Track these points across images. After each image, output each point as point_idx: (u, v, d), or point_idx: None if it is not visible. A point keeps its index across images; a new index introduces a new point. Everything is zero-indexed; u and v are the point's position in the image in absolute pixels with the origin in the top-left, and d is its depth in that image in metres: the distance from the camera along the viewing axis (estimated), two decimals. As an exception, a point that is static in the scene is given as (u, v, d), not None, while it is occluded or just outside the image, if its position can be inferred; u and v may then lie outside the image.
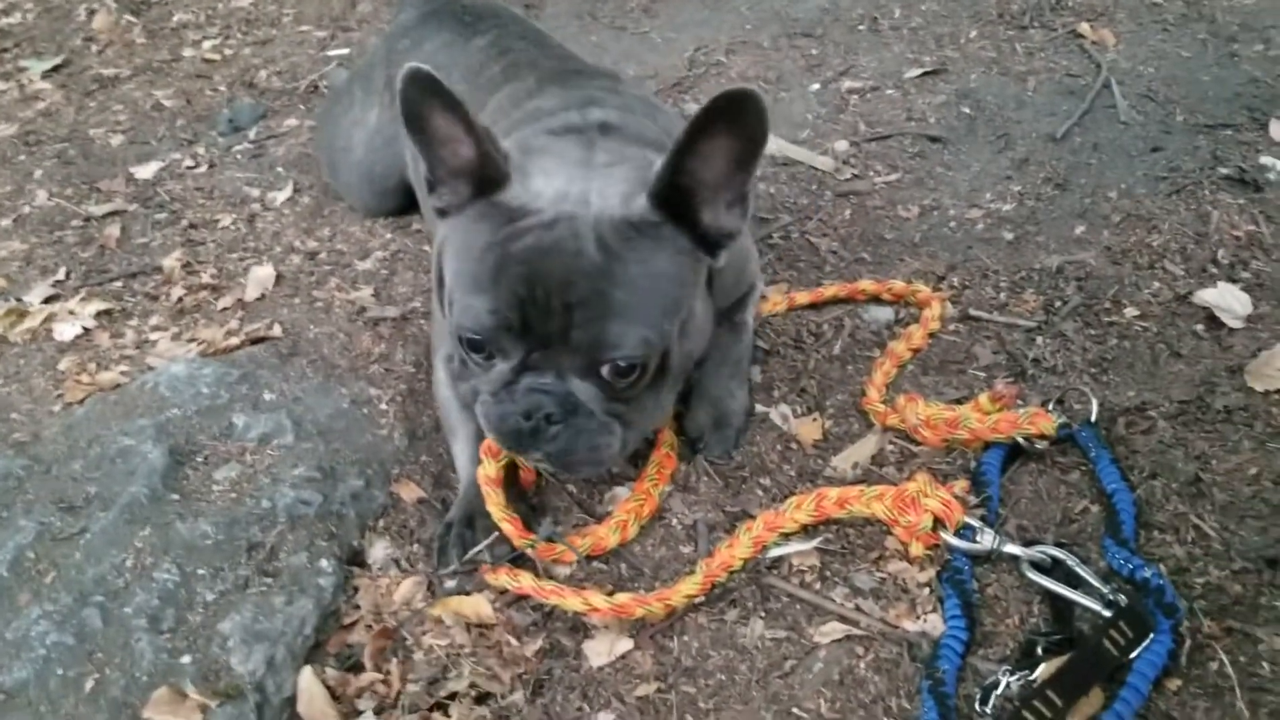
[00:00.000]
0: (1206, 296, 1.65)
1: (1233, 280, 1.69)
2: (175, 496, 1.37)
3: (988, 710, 1.11)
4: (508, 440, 1.26)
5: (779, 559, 1.32)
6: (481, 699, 1.18)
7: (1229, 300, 1.63)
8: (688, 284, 1.27)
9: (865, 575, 1.29)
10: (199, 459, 1.43)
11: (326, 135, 2.25)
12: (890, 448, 1.47)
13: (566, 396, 1.22)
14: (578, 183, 1.23)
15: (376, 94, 2.06)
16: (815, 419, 1.52)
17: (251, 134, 2.61)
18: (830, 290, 1.75)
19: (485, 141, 1.20)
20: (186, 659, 1.17)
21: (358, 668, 1.22)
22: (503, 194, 1.22)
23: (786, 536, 1.34)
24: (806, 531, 1.35)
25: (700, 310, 1.33)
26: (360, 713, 1.17)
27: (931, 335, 1.65)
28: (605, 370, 1.21)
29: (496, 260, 1.18)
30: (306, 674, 1.18)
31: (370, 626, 1.25)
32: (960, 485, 1.36)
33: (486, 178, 1.22)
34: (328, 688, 1.18)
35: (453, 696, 1.17)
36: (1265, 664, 1.12)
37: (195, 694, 1.12)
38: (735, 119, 1.14)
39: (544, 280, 1.16)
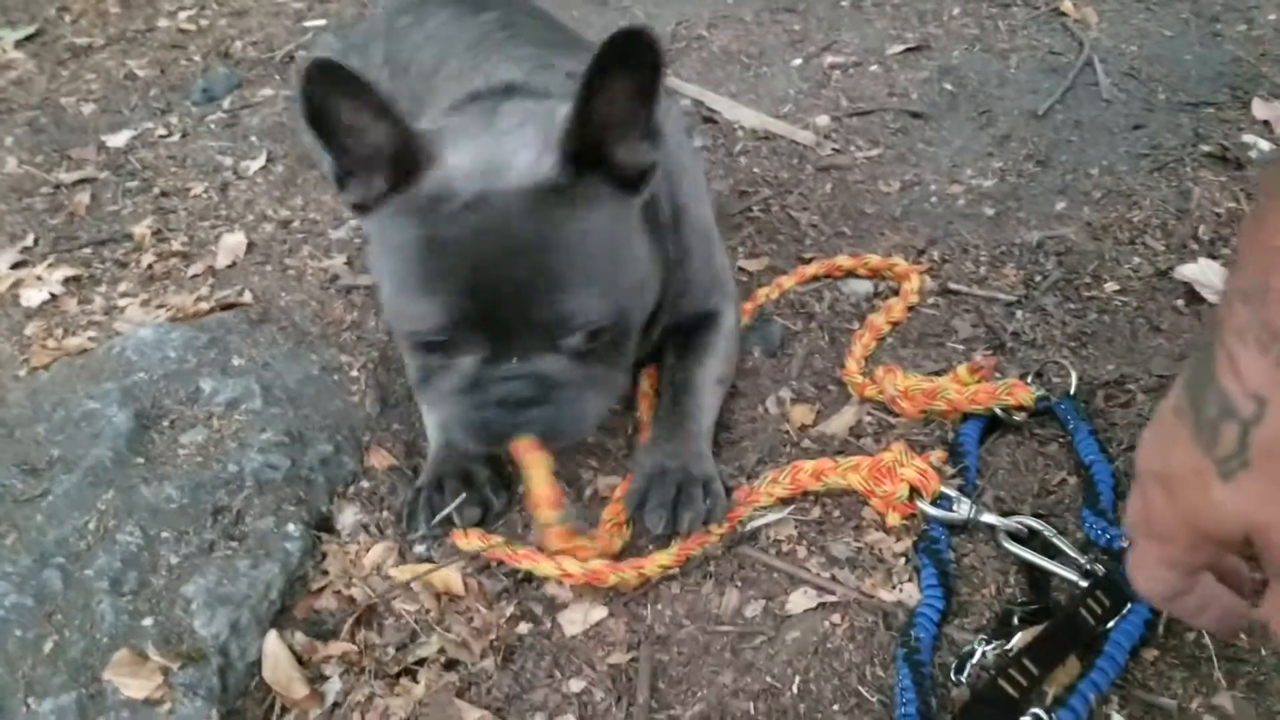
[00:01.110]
0: (1187, 272, 1.64)
1: (1213, 256, 1.68)
2: (140, 460, 1.34)
3: (963, 679, 1.10)
4: (486, 438, 1.23)
5: (755, 530, 1.30)
6: (450, 665, 1.16)
7: (1209, 275, 1.63)
8: (623, 233, 1.24)
9: (842, 545, 1.27)
10: (165, 423, 1.41)
11: None
12: (868, 419, 1.46)
13: (538, 377, 1.19)
14: (486, 152, 1.19)
15: (374, 69, 2.01)
16: (813, 406, 1.49)
17: (226, 104, 2.58)
18: (811, 269, 1.73)
19: (404, 125, 1.15)
20: (148, 621, 1.15)
21: (325, 633, 1.20)
22: (420, 182, 1.16)
23: (763, 510, 1.32)
24: (783, 504, 1.33)
25: (644, 253, 1.29)
26: (326, 678, 1.15)
27: (911, 308, 1.64)
28: (571, 340, 1.18)
29: (435, 257, 1.15)
30: (272, 638, 1.16)
31: (339, 592, 1.23)
32: (937, 455, 1.34)
33: (407, 164, 1.16)
34: (294, 653, 1.16)
35: (421, 663, 1.16)
36: (1242, 634, 1.11)
37: (157, 656, 1.10)
38: (629, 58, 1.11)
39: (488, 268, 1.13)
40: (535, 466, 1.23)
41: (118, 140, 2.42)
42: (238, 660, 1.14)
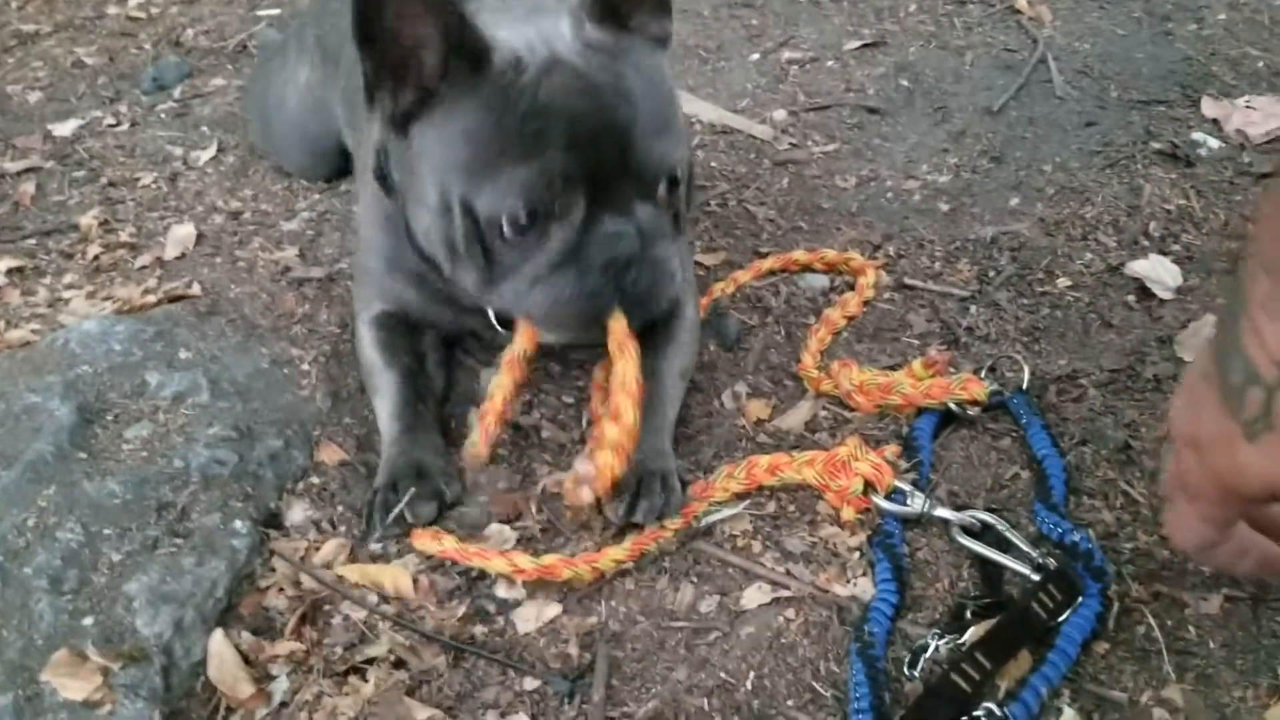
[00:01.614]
0: (1138, 268, 1.66)
1: (1164, 252, 1.70)
2: (83, 455, 1.31)
3: (916, 674, 1.10)
4: (592, 311, 1.23)
5: (711, 525, 1.29)
6: (400, 663, 1.14)
7: (1160, 272, 1.64)
8: (670, 82, 1.30)
9: (797, 540, 1.27)
10: (109, 417, 1.37)
11: (259, 92, 2.18)
12: (824, 414, 1.46)
13: (639, 228, 1.21)
14: (526, 31, 1.22)
15: (308, 52, 2.00)
16: (769, 400, 1.49)
17: (176, 93, 2.53)
18: (768, 264, 1.73)
19: (461, 10, 1.16)
20: (89, 620, 1.12)
21: (272, 632, 1.17)
22: (487, 63, 1.17)
23: (719, 505, 1.31)
24: (739, 499, 1.32)
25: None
26: (274, 677, 1.13)
27: (866, 303, 1.64)
28: (661, 187, 1.22)
29: (525, 124, 1.16)
30: (217, 637, 1.14)
31: (282, 589, 1.20)
32: (891, 450, 1.34)
33: (467, 49, 1.17)
34: (240, 652, 1.14)
35: (370, 661, 1.14)
36: (1191, 627, 1.13)
37: (97, 656, 1.07)
38: None
39: (583, 121, 1.16)
40: (630, 355, 1.24)
41: (64, 129, 2.37)
42: (181, 660, 1.12)
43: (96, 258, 1.87)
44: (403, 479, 1.29)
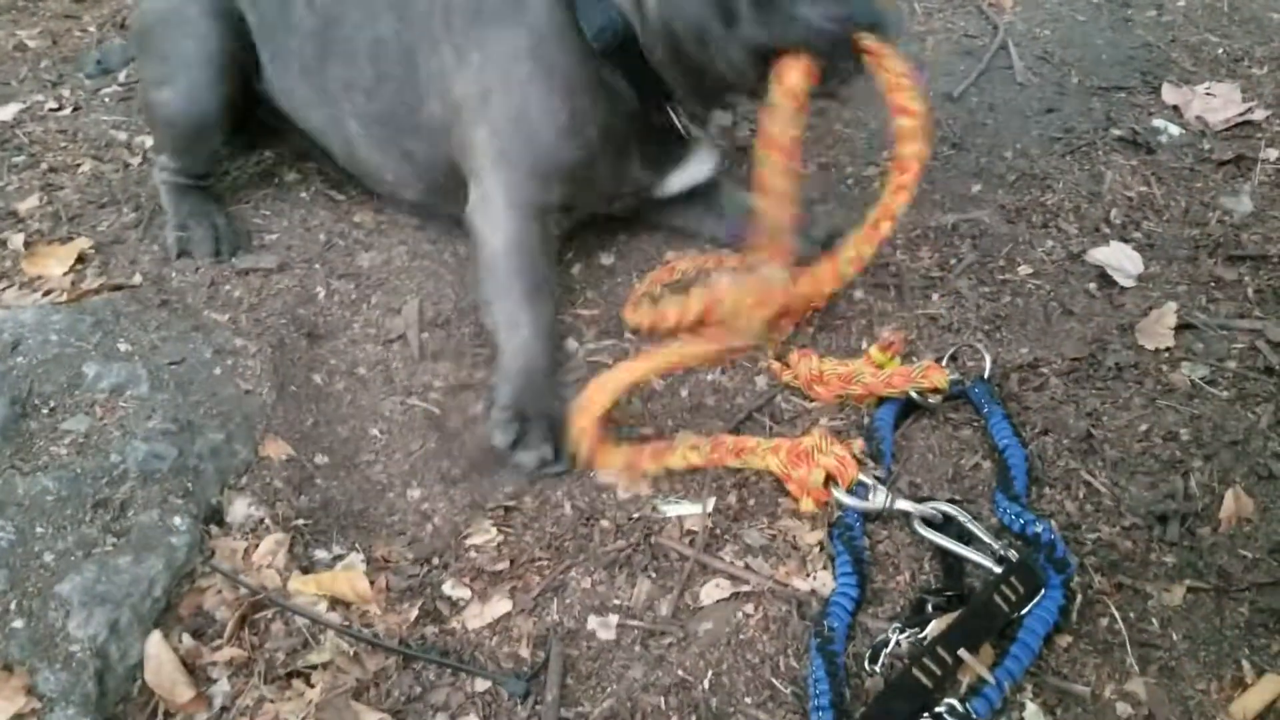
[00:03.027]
0: (1099, 255, 1.64)
1: (1125, 240, 1.69)
2: (16, 450, 1.25)
3: (877, 668, 1.08)
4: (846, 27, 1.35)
5: (669, 519, 1.26)
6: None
7: (1121, 259, 1.63)
8: None
9: (756, 533, 1.24)
10: (45, 411, 1.32)
11: None
12: (785, 405, 1.43)
13: None
14: None
15: None
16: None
17: (121, 76, 2.45)
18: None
19: None
20: (19, 623, 1.07)
21: (212, 633, 1.13)
22: None
23: (676, 500, 1.28)
24: (694, 482, 1.30)
25: None
26: (214, 680, 1.08)
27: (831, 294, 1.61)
28: None
29: None
30: (155, 639, 1.09)
31: (221, 590, 1.16)
32: (858, 445, 1.32)
33: None
34: (179, 655, 1.09)
35: (314, 667, 1.10)
36: (1154, 619, 1.11)
37: (27, 661, 1.03)
38: None
39: None
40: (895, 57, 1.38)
41: (5, 113, 2.29)
42: (117, 663, 1.07)
43: (35, 245, 1.81)
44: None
